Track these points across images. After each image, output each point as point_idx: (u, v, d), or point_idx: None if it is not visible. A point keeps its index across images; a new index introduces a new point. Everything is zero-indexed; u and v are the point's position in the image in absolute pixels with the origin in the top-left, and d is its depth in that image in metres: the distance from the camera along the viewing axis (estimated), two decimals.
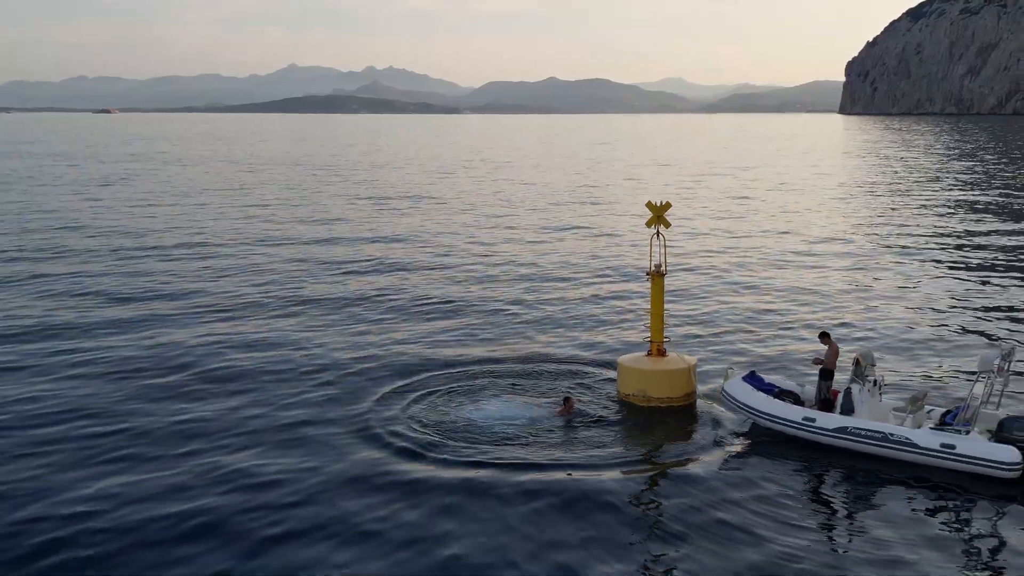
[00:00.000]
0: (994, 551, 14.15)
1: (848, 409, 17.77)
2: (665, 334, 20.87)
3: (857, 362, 18.35)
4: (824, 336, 19.67)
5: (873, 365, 18.31)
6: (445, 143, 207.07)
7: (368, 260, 46.15)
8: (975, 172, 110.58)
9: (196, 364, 26.61)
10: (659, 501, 16.28)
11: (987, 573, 13.56)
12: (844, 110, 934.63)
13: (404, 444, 19.71)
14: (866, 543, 14.45)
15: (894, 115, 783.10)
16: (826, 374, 18.97)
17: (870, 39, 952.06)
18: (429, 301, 34.85)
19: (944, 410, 17.92)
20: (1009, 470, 15.77)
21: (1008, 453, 15.83)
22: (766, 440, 18.21)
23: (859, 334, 26.28)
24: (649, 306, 20.70)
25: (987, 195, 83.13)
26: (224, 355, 27.78)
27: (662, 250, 20.76)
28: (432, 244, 50.78)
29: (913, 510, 15.57)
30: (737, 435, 18.81)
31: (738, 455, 17.88)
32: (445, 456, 18.71)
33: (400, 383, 24.36)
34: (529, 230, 54.76)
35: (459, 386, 23.45)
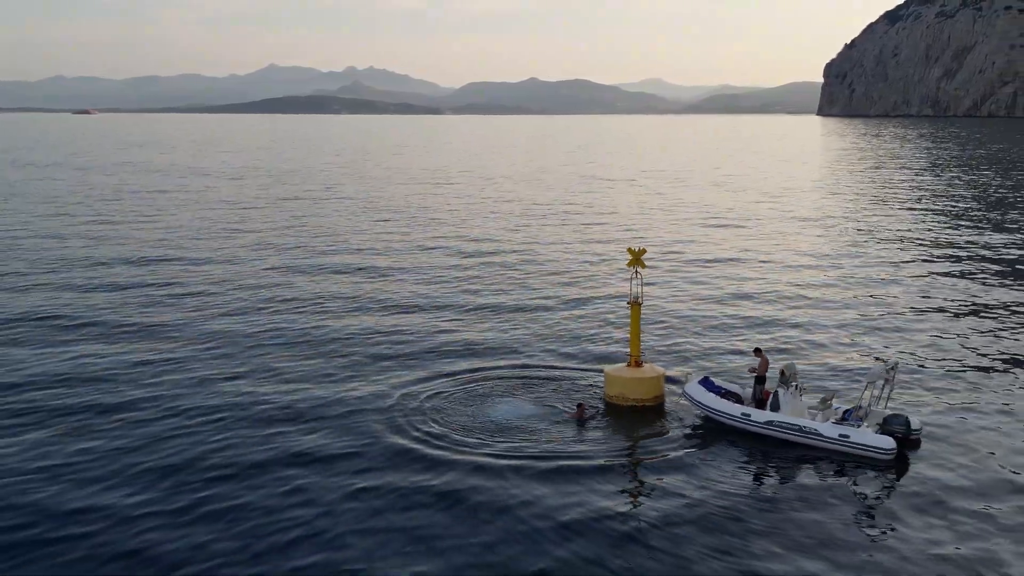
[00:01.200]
0: (872, 508, 19.68)
1: (775, 407, 22.83)
2: (641, 348, 26.10)
3: (783, 372, 23.36)
4: (757, 351, 24.92)
5: (795, 375, 23.35)
6: (435, 148, 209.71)
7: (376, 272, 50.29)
8: (944, 180, 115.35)
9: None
10: (635, 473, 21.72)
11: (871, 524, 18.89)
12: (822, 111, 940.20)
13: (426, 436, 24.05)
14: (782, 503, 19.77)
15: (872, 117, 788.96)
16: (759, 380, 24.07)
17: (848, 41, 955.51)
18: (441, 308, 40.01)
19: (845, 408, 23.01)
20: (887, 454, 21.22)
21: (887, 442, 21.30)
22: (714, 430, 23.57)
23: (795, 343, 32.50)
24: (629, 326, 26.10)
25: (955, 202, 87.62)
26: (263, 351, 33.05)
27: (640, 285, 25.81)
28: (432, 264, 54.73)
29: (819, 480, 20.96)
30: (693, 427, 24.05)
31: (693, 442, 23.18)
32: (462, 449, 22.91)
33: (422, 376, 29.23)
34: (529, 247, 57.84)
35: (473, 387, 27.85)
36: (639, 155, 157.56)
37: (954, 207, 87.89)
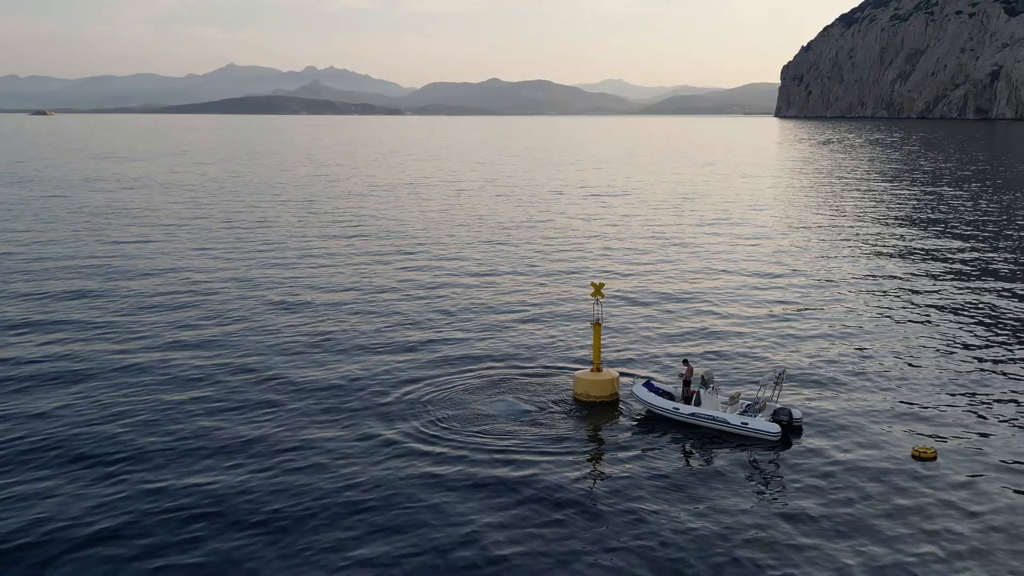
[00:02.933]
0: (766, 476, 25.08)
1: (698, 403, 28.62)
2: (602, 357, 31.81)
3: (703, 377, 29.16)
4: (685, 361, 30.67)
5: (712, 379, 29.13)
6: (384, 162, 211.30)
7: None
8: (883, 189, 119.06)
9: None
10: (594, 451, 27.18)
11: (762, 487, 24.11)
12: (780, 113, 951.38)
13: (424, 428, 28.45)
14: (699, 472, 25.33)
15: (828, 119, 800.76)
16: (686, 383, 29.67)
17: (805, 44, 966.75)
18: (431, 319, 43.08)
19: (747, 403, 28.48)
20: (774, 437, 26.98)
21: (775, 428, 27.09)
22: (654, 420, 29.13)
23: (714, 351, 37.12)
24: (592, 341, 31.88)
25: (902, 207, 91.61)
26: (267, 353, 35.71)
27: (600, 309, 31.92)
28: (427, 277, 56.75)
29: (727, 454, 26.63)
30: (639, 418, 29.44)
31: (638, 429, 28.70)
32: (458, 439, 27.33)
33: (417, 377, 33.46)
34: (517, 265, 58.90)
35: (466, 384, 32.80)
36: (584, 171, 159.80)
37: (882, 219, 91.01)
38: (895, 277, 53.12)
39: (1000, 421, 28.53)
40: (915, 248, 64.63)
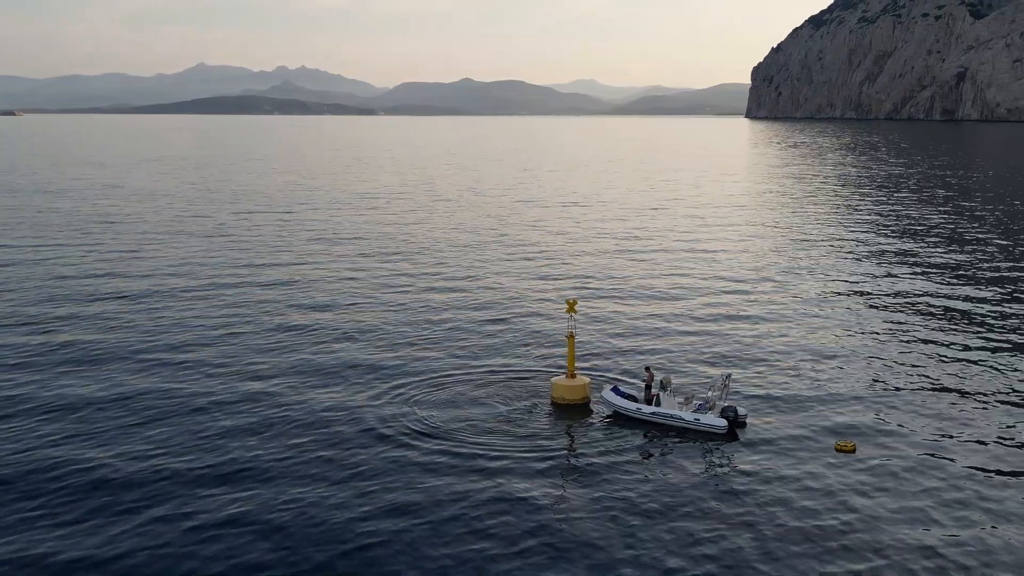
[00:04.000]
0: (714, 462, 28.66)
1: (658, 404, 32.54)
2: (576, 365, 35.44)
3: (662, 382, 32.99)
4: (647, 369, 34.78)
5: (670, 383, 32.86)
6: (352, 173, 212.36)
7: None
8: (856, 193, 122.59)
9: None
10: (567, 446, 30.34)
11: (712, 472, 27.64)
12: (750, 114, 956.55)
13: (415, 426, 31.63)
14: (658, 460, 28.92)
15: (798, 119, 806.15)
16: (648, 387, 33.68)
17: (775, 45, 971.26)
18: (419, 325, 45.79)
19: (700, 403, 32.26)
20: (721, 431, 30.86)
21: (722, 423, 30.99)
22: (620, 419, 32.55)
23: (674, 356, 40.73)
24: (566, 351, 35.27)
25: (870, 211, 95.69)
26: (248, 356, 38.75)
27: (574, 323, 35.59)
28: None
29: (681, 446, 30.30)
30: (607, 418, 32.81)
31: (607, 427, 32.03)
32: (440, 436, 30.44)
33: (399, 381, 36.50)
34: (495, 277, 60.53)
35: (450, 387, 35.93)
36: (554, 182, 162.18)
37: (845, 225, 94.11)
38: (844, 283, 56.49)
39: (919, 415, 31.93)
40: (872, 253, 68.04)
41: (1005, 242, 72.28)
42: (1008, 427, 30.89)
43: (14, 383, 35.59)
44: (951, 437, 29.93)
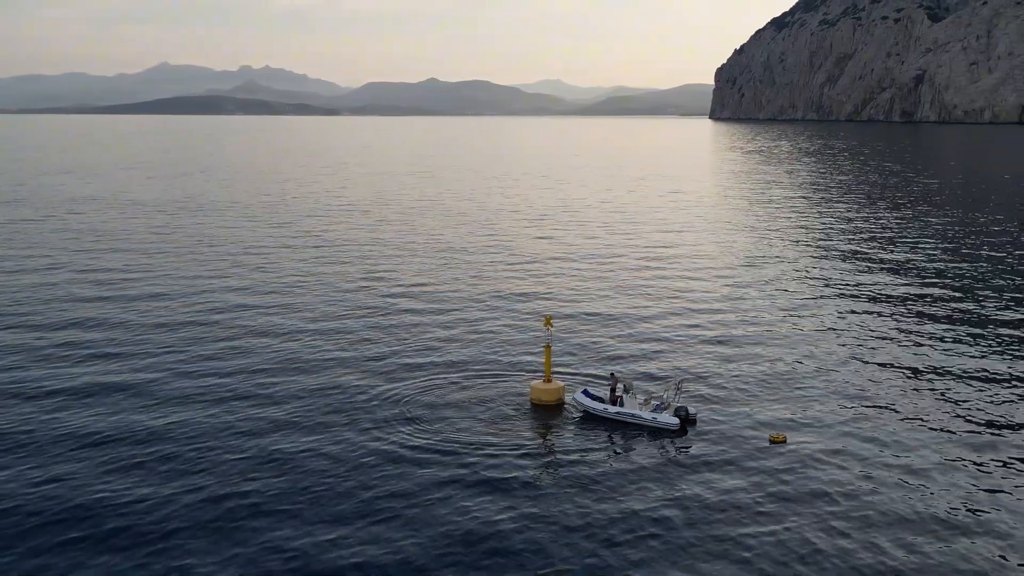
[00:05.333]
0: (668, 455, 31.69)
1: (621, 405, 35.75)
2: (552, 370, 38.07)
3: (624, 385, 36.23)
4: (612, 375, 37.82)
5: (631, 386, 36.13)
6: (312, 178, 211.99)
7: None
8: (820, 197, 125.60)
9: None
10: (542, 442, 33.32)
11: (666, 463, 30.62)
12: (714, 115, 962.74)
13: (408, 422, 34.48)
14: (621, 453, 31.88)
15: (760, 120, 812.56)
16: (612, 390, 35.92)
17: (738, 47, 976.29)
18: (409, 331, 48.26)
19: (657, 403, 35.72)
20: (674, 427, 34.13)
21: (675, 421, 34.21)
22: (589, 418, 35.48)
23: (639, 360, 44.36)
24: (544, 359, 37.91)
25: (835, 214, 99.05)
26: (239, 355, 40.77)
27: (551, 336, 38.72)
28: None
29: (639, 440, 33.36)
30: (578, 418, 35.69)
31: (578, 425, 34.99)
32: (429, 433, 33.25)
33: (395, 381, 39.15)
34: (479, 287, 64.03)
35: (434, 389, 38.62)
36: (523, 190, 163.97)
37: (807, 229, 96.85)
38: (805, 288, 59.42)
39: (843, 408, 35.04)
40: (827, 255, 70.96)
41: (954, 244, 75.34)
42: (928, 415, 34.09)
43: None
44: (867, 427, 33.25)
